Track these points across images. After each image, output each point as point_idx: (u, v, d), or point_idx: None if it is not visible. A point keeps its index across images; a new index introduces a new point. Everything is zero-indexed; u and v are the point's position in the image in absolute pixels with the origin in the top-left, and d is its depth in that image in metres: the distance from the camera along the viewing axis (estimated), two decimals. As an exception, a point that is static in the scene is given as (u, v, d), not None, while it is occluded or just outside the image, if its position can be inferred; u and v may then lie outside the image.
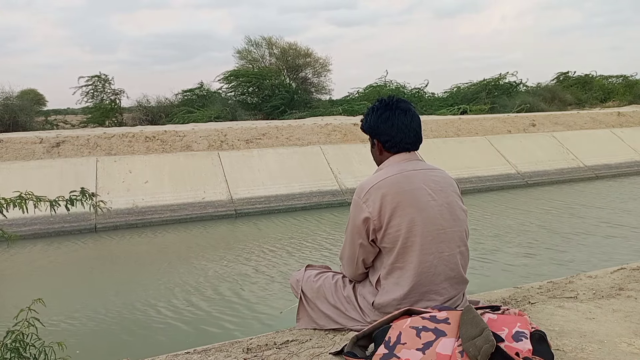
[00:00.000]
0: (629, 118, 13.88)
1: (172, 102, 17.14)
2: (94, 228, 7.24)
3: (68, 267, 5.88)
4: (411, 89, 18.88)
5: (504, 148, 10.99)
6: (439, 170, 1.88)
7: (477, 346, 1.40)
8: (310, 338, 1.92)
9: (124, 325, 4.10)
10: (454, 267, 1.77)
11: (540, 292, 2.40)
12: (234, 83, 17.56)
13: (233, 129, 9.90)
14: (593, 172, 10.75)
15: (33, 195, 2.03)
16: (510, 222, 7.06)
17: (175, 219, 7.64)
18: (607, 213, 7.35)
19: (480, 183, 9.69)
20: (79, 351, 3.50)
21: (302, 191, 8.55)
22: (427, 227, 1.73)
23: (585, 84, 21.28)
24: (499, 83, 19.02)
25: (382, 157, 1.90)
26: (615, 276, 2.59)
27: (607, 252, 5.44)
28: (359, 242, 1.81)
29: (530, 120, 12.54)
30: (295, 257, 5.70)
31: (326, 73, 20.25)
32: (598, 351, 1.70)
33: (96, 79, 16.85)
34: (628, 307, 2.13)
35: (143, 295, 4.70)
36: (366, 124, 1.92)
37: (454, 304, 1.78)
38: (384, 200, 1.73)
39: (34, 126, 14.15)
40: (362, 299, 1.88)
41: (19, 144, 8.40)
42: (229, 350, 1.87)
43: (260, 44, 20.44)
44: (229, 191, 8.28)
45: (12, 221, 6.59)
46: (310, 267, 2.16)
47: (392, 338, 1.50)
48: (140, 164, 8.50)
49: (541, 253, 5.49)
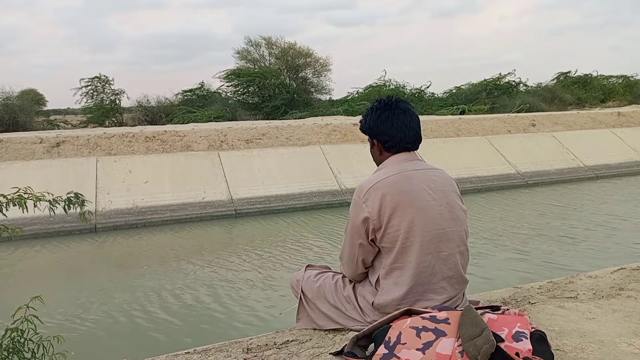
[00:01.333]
0: (629, 118, 13.87)
1: (172, 102, 17.13)
2: (94, 228, 7.24)
3: (68, 267, 5.88)
4: (411, 89, 18.87)
5: (504, 148, 10.99)
6: (439, 170, 1.88)
7: (477, 346, 1.40)
8: (310, 338, 1.92)
9: (124, 325, 4.10)
10: (453, 267, 1.77)
11: (540, 292, 2.40)
12: (235, 82, 17.54)
13: (233, 129, 9.90)
14: (593, 172, 10.75)
15: (32, 194, 2.03)
16: (510, 222, 7.07)
17: (175, 219, 7.64)
18: (605, 213, 7.35)
19: (480, 183, 9.69)
20: (79, 351, 3.50)
21: (302, 191, 8.55)
22: (427, 227, 1.73)
23: (585, 84, 21.27)
24: (499, 83, 19.02)
25: (382, 157, 1.90)
26: (615, 276, 2.59)
27: (608, 252, 5.44)
28: (358, 242, 1.81)
29: (530, 120, 12.54)
30: (295, 257, 5.70)
31: (326, 73, 20.26)
32: (598, 351, 1.70)
33: (96, 80, 16.86)
34: (628, 307, 2.12)
35: (143, 295, 4.70)
36: (366, 124, 1.92)
37: (454, 304, 1.77)
38: (384, 200, 1.73)
39: (34, 126, 14.15)
40: (362, 299, 1.88)
41: (19, 144, 8.40)
42: (229, 350, 1.87)
43: (260, 44, 20.44)
44: (229, 191, 8.28)
45: (12, 221, 6.53)
46: (310, 267, 2.16)
47: (392, 338, 1.50)
48: (140, 164, 8.50)
49: (538, 255, 5.49)
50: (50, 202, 2.03)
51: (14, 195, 2.02)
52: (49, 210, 2.02)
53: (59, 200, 2.07)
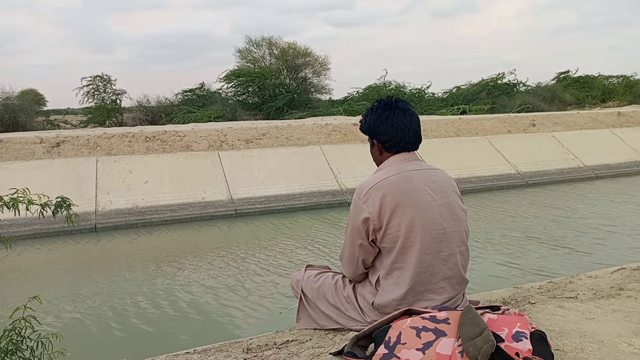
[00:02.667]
0: (629, 118, 13.87)
1: (172, 102, 17.14)
2: (94, 228, 7.24)
3: (67, 267, 5.88)
4: (411, 89, 18.87)
5: (504, 148, 10.99)
6: (439, 170, 1.88)
7: (477, 346, 1.40)
8: (310, 338, 1.92)
9: (123, 325, 4.10)
10: (453, 267, 1.77)
11: (540, 292, 2.40)
12: (235, 82, 17.54)
13: (233, 129, 9.90)
14: (593, 172, 10.75)
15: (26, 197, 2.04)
16: (511, 221, 7.07)
17: (175, 219, 7.64)
18: (604, 213, 7.35)
19: (480, 183, 9.68)
20: (79, 351, 3.50)
21: (302, 191, 8.55)
22: (427, 227, 1.73)
23: (585, 84, 21.27)
24: (499, 83, 19.02)
25: (382, 157, 1.90)
26: (615, 276, 2.59)
27: (606, 252, 5.44)
28: (358, 243, 1.81)
29: (530, 120, 12.54)
30: (295, 257, 5.70)
31: (326, 73, 20.27)
32: (598, 351, 1.70)
33: (98, 79, 16.86)
34: (628, 307, 2.12)
35: (143, 295, 4.70)
36: (365, 124, 1.92)
37: (454, 304, 1.77)
38: (384, 201, 1.73)
39: (34, 126, 14.15)
40: (362, 299, 1.88)
41: (19, 144, 8.40)
42: (229, 350, 1.87)
43: (261, 44, 20.46)
44: (229, 191, 8.28)
45: (13, 221, 6.61)
46: (310, 267, 2.16)
47: (392, 338, 1.50)
48: (140, 164, 8.50)
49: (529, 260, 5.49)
50: (41, 205, 2.05)
51: (8, 198, 2.03)
52: (39, 213, 2.05)
53: (49, 205, 2.10)
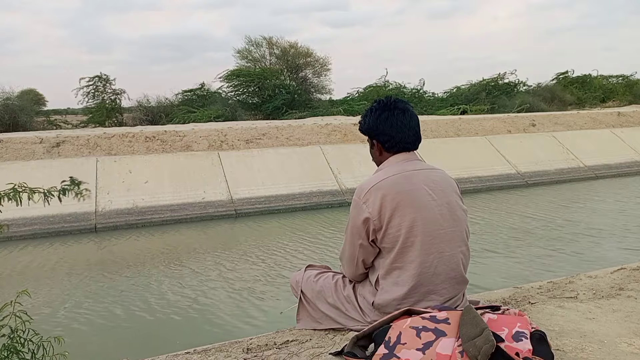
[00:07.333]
0: (629, 118, 13.87)
1: (172, 102, 17.11)
2: (94, 228, 7.24)
3: (67, 267, 5.87)
4: (411, 89, 18.88)
5: (504, 148, 10.99)
6: (439, 170, 1.88)
7: (477, 346, 1.40)
8: (310, 338, 1.92)
9: (123, 325, 4.10)
10: (455, 267, 1.77)
11: (540, 292, 2.40)
12: (235, 82, 17.53)
13: (233, 129, 9.90)
14: (593, 172, 10.75)
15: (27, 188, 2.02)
16: (511, 221, 7.07)
17: (176, 219, 7.64)
18: (604, 213, 7.35)
19: (480, 183, 9.68)
20: (79, 351, 3.50)
21: (302, 191, 8.55)
22: (428, 227, 1.73)
23: (585, 84, 21.26)
24: (499, 83, 19.01)
25: (381, 157, 1.90)
26: (615, 276, 2.59)
27: (603, 253, 5.44)
28: (359, 243, 1.81)
29: (530, 120, 12.54)
30: (295, 258, 5.70)
31: (326, 73, 20.26)
32: (598, 351, 1.70)
33: (97, 79, 16.84)
34: (628, 307, 2.12)
35: (143, 295, 4.70)
36: (365, 125, 1.92)
37: (454, 304, 1.77)
38: (384, 201, 1.73)
39: (34, 126, 14.13)
40: (362, 299, 1.88)
41: (19, 144, 8.40)
42: (229, 350, 1.87)
43: (261, 43, 20.45)
44: (229, 191, 8.28)
45: (12, 221, 6.58)
46: (310, 267, 2.16)
47: (392, 338, 1.50)
48: (140, 164, 8.50)
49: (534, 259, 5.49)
50: (44, 193, 2.03)
51: (8, 190, 2.01)
52: (44, 201, 2.01)
53: (53, 191, 2.07)
